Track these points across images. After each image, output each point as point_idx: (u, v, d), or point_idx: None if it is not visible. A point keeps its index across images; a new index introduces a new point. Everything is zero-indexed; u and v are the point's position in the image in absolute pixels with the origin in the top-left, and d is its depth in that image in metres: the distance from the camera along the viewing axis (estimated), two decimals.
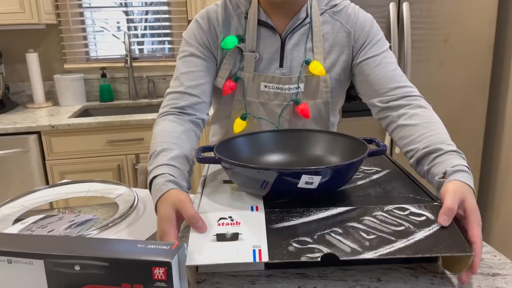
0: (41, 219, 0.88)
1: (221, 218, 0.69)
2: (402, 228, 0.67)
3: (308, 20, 0.97)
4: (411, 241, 0.64)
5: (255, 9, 0.96)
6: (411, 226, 0.67)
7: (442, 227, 0.67)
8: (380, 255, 0.62)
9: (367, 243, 0.64)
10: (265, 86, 0.97)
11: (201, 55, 0.97)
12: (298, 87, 0.98)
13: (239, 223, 0.68)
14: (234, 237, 0.66)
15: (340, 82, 1.02)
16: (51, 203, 0.99)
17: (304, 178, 0.68)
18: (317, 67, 0.96)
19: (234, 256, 0.63)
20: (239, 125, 1.00)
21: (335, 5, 0.99)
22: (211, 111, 1.11)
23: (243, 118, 1.00)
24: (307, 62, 0.97)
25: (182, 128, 0.89)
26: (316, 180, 0.69)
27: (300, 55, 0.98)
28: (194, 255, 0.64)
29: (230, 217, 0.69)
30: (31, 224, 0.86)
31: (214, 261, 0.63)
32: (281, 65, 0.97)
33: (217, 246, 0.65)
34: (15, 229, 0.84)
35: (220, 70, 0.98)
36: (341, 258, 0.62)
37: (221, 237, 0.66)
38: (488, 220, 2.41)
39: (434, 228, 0.67)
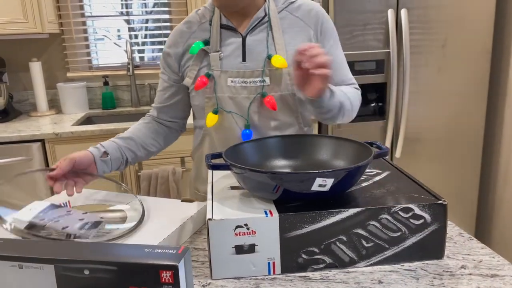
0: (48, 208, 0.90)
1: (237, 227, 0.71)
2: (398, 234, 0.75)
3: (266, 18, 1.06)
4: (401, 248, 0.76)
5: (217, 16, 1.08)
6: (406, 231, 0.75)
7: (431, 233, 0.75)
8: (371, 264, 0.76)
9: (364, 252, 0.75)
10: (232, 81, 1.05)
11: (168, 73, 1.14)
12: (263, 81, 1.05)
13: (255, 233, 0.72)
14: (251, 249, 0.73)
15: None
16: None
17: (318, 181, 0.70)
18: (278, 60, 1.02)
19: (251, 270, 0.74)
20: (211, 119, 1.07)
21: (292, 3, 1.09)
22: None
23: (215, 112, 1.07)
24: (269, 57, 1.04)
25: (141, 122, 1.18)
26: (329, 182, 0.71)
27: (263, 51, 1.05)
28: (218, 268, 0.73)
29: (246, 224, 0.71)
30: (40, 213, 0.87)
31: (234, 275, 0.74)
32: (244, 60, 1.06)
33: (237, 259, 0.73)
34: (25, 216, 0.86)
35: (189, 71, 1.09)
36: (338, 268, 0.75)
37: (239, 249, 0.73)
38: (488, 222, 2.42)
39: (425, 233, 0.75)
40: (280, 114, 1.08)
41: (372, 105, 2.13)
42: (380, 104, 2.13)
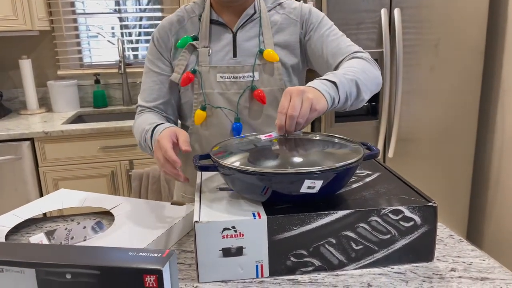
0: (51, 231, 0.88)
1: (225, 229, 0.70)
2: (388, 236, 0.74)
3: (256, 15, 1.08)
4: (390, 250, 0.75)
5: (208, 11, 1.08)
6: (396, 234, 0.74)
7: (420, 235, 0.74)
8: (361, 266, 0.75)
9: (353, 254, 0.74)
10: (221, 77, 1.06)
11: (158, 70, 1.10)
12: (253, 76, 1.06)
13: (243, 235, 0.70)
14: (239, 251, 0.71)
15: (293, 65, 1.09)
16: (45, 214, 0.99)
17: (307, 183, 0.69)
18: (270, 54, 1.04)
19: (239, 273, 0.72)
20: (199, 116, 1.06)
21: (280, 4, 1.11)
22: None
23: (203, 108, 1.07)
24: (261, 51, 1.06)
25: (159, 116, 1.10)
26: (318, 184, 0.70)
27: (253, 47, 1.07)
28: (205, 271, 0.72)
29: (234, 227, 0.70)
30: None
31: (221, 278, 0.72)
32: (234, 55, 1.06)
33: (224, 262, 0.72)
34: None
35: (176, 66, 1.07)
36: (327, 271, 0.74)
37: (226, 252, 0.71)
38: (481, 222, 2.42)
39: (415, 235, 0.74)
40: (269, 108, 1.08)
41: (365, 104, 2.12)
42: (373, 103, 2.13)
